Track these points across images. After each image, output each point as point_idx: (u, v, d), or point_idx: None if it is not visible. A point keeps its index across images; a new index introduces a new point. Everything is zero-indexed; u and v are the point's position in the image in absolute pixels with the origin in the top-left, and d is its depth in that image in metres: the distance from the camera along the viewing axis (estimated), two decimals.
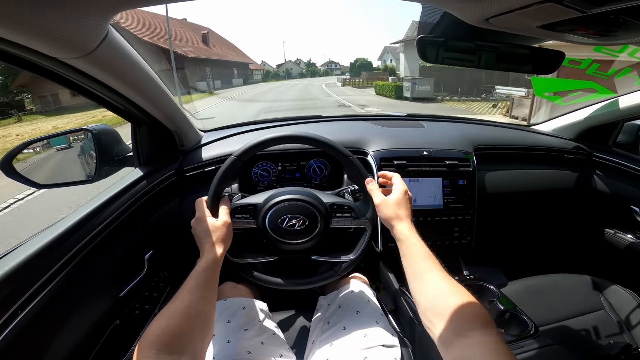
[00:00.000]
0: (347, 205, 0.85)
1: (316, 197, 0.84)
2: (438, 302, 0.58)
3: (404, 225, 0.72)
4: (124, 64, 0.69)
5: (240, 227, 0.82)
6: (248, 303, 0.92)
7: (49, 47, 0.52)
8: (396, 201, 0.76)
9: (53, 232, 0.72)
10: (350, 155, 0.82)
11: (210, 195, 0.78)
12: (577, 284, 1.17)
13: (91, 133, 0.92)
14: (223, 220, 0.74)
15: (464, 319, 0.54)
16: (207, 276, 0.66)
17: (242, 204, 0.84)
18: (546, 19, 0.48)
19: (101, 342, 0.87)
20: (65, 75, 0.64)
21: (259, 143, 0.79)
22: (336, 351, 0.80)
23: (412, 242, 0.69)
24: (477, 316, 0.54)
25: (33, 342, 0.66)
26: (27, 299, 0.63)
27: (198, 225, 0.73)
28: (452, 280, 0.61)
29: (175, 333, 0.54)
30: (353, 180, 0.87)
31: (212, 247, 0.70)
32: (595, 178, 1.40)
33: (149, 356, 0.51)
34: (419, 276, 0.64)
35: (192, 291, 0.61)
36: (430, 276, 0.62)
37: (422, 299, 0.62)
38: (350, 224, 0.85)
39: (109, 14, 0.51)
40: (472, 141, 1.28)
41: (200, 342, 0.58)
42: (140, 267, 0.98)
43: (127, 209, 0.90)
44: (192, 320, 0.57)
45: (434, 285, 0.61)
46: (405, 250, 0.69)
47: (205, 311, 0.61)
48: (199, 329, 0.58)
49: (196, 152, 1.17)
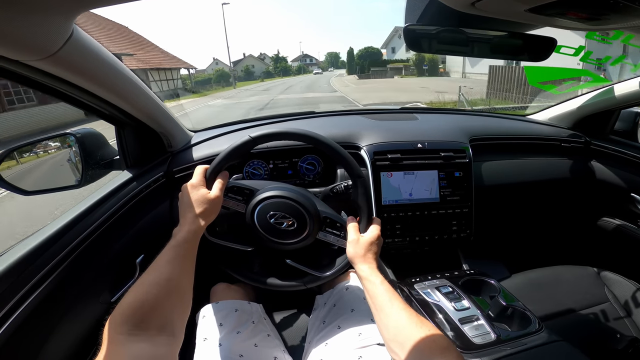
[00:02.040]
0: (339, 222, 0.84)
1: (313, 204, 0.83)
2: (398, 332, 0.60)
3: (366, 266, 0.73)
4: (93, 63, 0.67)
5: (229, 207, 0.81)
6: (241, 305, 0.91)
7: (7, 49, 0.49)
8: (366, 242, 0.76)
9: (39, 237, 0.70)
10: (362, 175, 0.81)
11: (212, 165, 0.76)
12: (580, 275, 1.15)
13: (74, 137, 0.90)
14: (215, 194, 0.72)
15: (423, 347, 0.55)
16: (187, 247, 0.63)
17: (240, 184, 0.82)
18: (534, 2, 0.46)
19: (94, 347, 0.85)
20: (32, 77, 0.62)
21: (278, 132, 0.77)
22: (330, 351, 0.79)
23: (373, 279, 0.69)
24: (435, 343, 0.56)
25: (25, 345, 0.65)
26: (16, 302, 0.61)
27: (191, 191, 0.71)
28: (411, 312, 0.62)
29: (153, 306, 0.50)
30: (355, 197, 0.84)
31: (195, 218, 0.68)
32: (593, 166, 1.39)
33: (121, 332, 0.47)
34: (380, 309, 0.65)
35: (171, 262, 0.59)
36: (391, 308, 0.64)
37: (385, 331, 0.63)
38: (335, 242, 0.83)
39: (71, 14, 0.49)
40: (467, 132, 1.26)
41: (179, 317, 0.55)
42: (131, 271, 0.96)
43: (115, 211, 0.89)
44: (171, 293, 0.54)
45: (395, 317, 0.62)
46: (367, 286, 0.70)
47: (184, 284, 0.59)
48: (178, 303, 0.55)
49: (185, 152, 1.15)
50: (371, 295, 0.68)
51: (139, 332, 0.47)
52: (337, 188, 0.95)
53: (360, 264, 0.73)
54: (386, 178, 1.11)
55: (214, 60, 74.66)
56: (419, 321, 0.59)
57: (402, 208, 1.12)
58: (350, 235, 0.79)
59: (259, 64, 77.72)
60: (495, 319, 0.87)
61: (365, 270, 0.71)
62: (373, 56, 47.57)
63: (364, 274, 0.71)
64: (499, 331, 0.83)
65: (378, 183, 1.10)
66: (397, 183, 1.11)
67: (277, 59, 79.22)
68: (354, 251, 0.76)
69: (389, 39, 50.02)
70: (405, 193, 1.12)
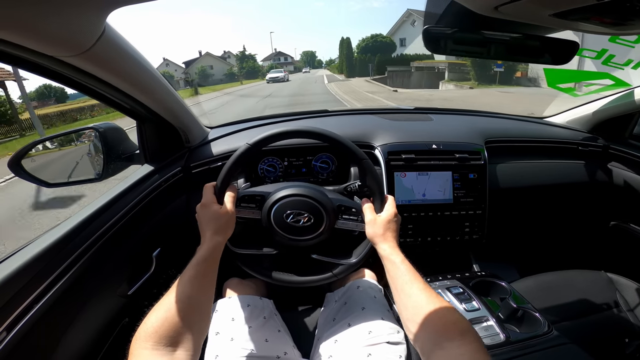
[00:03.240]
0: (355, 207, 0.84)
1: (324, 196, 0.83)
2: (417, 312, 0.59)
3: (387, 244, 0.73)
4: (123, 60, 0.69)
5: (244, 217, 0.82)
6: (252, 300, 0.92)
7: (45, 45, 0.51)
8: (384, 221, 0.77)
9: (62, 229, 0.73)
10: (364, 157, 0.81)
11: (218, 181, 0.77)
12: (592, 280, 1.14)
13: (97, 131, 0.93)
14: (227, 208, 0.74)
15: (441, 328, 0.55)
16: (207, 265, 0.66)
17: (249, 192, 0.83)
18: (559, 7, 0.45)
19: (110, 339, 0.88)
20: (64, 73, 0.64)
21: (274, 134, 0.78)
22: (340, 347, 0.80)
23: (394, 258, 0.70)
24: (455, 325, 0.55)
25: (45, 337, 0.67)
26: (38, 293, 0.64)
27: (202, 211, 0.73)
28: (431, 292, 0.62)
29: (173, 325, 0.54)
30: (363, 180, 0.86)
31: (213, 235, 0.70)
32: (611, 171, 1.36)
33: (145, 347, 0.51)
34: (400, 289, 0.65)
35: (191, 281, 0.61)
36: (410, 288, 0.63)
37: (404, 310, 0.63)
38: (355, 227, 0.84)
39: (105, 11, 0.50)
40: (483, 134, 1.25)
41: (197, 334, 0.57)
42: (148, 264, 0.99)
43: (135, 205, 0.91)
44: (189, 312, 0.57)
45: (414, 298, 0.62)
46: (388, 266, 0.71)
47: (203, 302, 0.61)
48: (196, 321, 0.58)
49: (202, 148, 1.17)
50: (392, 276, 0.69)
51: (161, 348, 0.51)
52: (351, 187, 0.96)
53: (381, 243, 0.74)
54: (400, 178, 1.11)
55: (164, 60, 60.10)
56: (438, 302, 0.59)
57: (415, 208, 1.12)
58: (367, 217, 0.80)
59: (219, 65, 61.46)
60: (505, 320, 0.88)
61: (386, 249, 0.72)
62: (383, 49, 31.30)
63: (385, 253, 0.72)
64: (508, 332, 0.83)
65: (391, 183, 1.10)
66: (411, 183, 1.11)
67: (242, 58, 62.37)
68: (372, 231, 0.77)
69: (397, 27, 34.61)
70: (419, 193, 1.12)
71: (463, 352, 0.50)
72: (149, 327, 0.53)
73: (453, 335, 0.53)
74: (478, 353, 0.50)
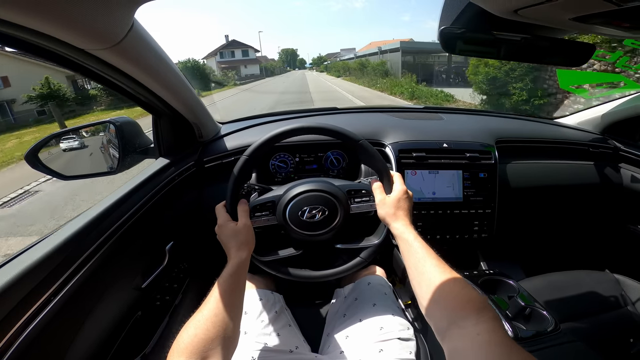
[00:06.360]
0: (364, 189, 0.85)
1: (332, 185, 0.84)
2: (432, 289, 0.57)
3: (399, 223, 0.73)
4: (148, 55, 0.70)
5: (261, 225, 0.83)
6: (264, 294, 0.93)
7: (78, 38, 0.52)
8: (394, 200, 0.77)
9: (79, 223, 0.73)
10: (360, 139, 0.81)
11: (227, 199, 0.78)
12: (600, 280, 1.14)
13: (114, 125, 0.94)
14: (242, 222, 0.75)
15: (457, 305, 0.53)
16: (234, 281, 0.67)
17: (260, 201, 0.84)
18: (580, 11, 0.46)
19: (124, 332, 0.89)
20: (89, 67, 0.65)
21: (265, 140, 0.78)
22: (352, 342, 0.81)
23: (406, 236, 0.69)
24: (470, 301, 0.52)
25: (63, 328, 0.68)
26: (58, 285, 0.65)
27: (220, 232, 0.75)
28: (445, 268, 0.60)
29: (202, 341, 0.56)
30: (365, 163, 0.86)
31: (236, 251, 0.71)
32: (621, 172, 1.36)
33: None
34: (414, 267, 0.64)
35: (218, 298, 0.63)
36: (424, 265, 0.62)
37: (418, 288, 0.61)
38: (369, 208, 0.84)
39: (133, 5, 0.51)
40: (493, 133, 1.25)
41: (225, 348, 0.59)
42: (161, 257, 1.00)
43: (150, 198, 0.92)
44: (217, 327, 0.59)
45: (427, 274, 0.60)
46: (402, 245, 0.70)
47: (230, 317, 0.62)
48: (223, 336, 0.59)
49: (215, 143, 1.19)
50: (405, 255, 0.68)
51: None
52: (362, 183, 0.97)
53: (393, 222, 0.74)
54: (410, 176, 1.12)
55: None
56: (452, 278, 0.57)
57: (425, 206, 1.13)
58: (377, 197, 0.80)
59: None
60: (513, 318, 0.88)
61: (399, 228, 0.72)
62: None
63: (397, 231, 0.72)
64: (516, 330, 0.84)
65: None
66: (421, 181, 1.12)
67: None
68: (384, 212, 0.77)
69: None
70: (429, 192, 1.13)
71: (479, 331, 0.47)
72: (181, 343, 0.56)
73: (469, 313, 0.50)
74: (495, 333, 0.46)
